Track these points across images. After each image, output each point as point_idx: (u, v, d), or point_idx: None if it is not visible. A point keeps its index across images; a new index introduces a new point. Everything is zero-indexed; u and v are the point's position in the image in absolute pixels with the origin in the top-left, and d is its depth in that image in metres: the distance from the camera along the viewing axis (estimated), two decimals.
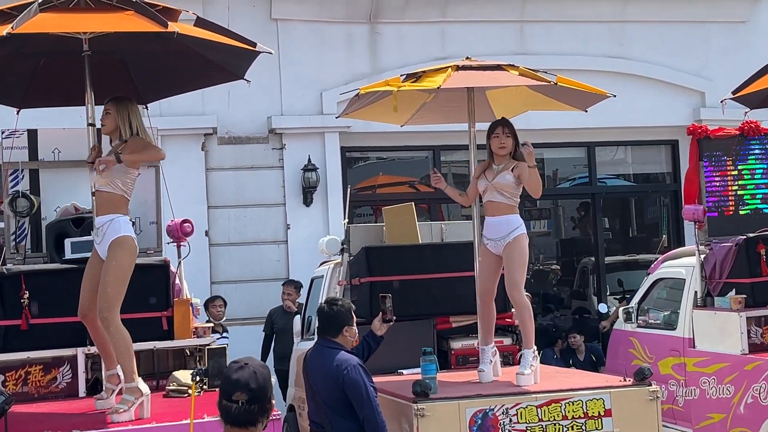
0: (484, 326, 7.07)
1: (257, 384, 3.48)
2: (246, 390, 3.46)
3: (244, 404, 3.45)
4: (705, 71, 13.92)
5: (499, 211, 6.91)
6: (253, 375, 3.49)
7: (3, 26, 5.47)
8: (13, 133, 7.32)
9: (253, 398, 3.46)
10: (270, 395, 3.55)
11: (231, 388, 3.48)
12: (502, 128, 7.03)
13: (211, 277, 12.25)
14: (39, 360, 6.67)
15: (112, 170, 5.92)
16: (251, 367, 3.52)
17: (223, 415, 3.50)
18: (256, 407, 3.47)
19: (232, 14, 12.32)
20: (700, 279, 8.75)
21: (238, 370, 3.50)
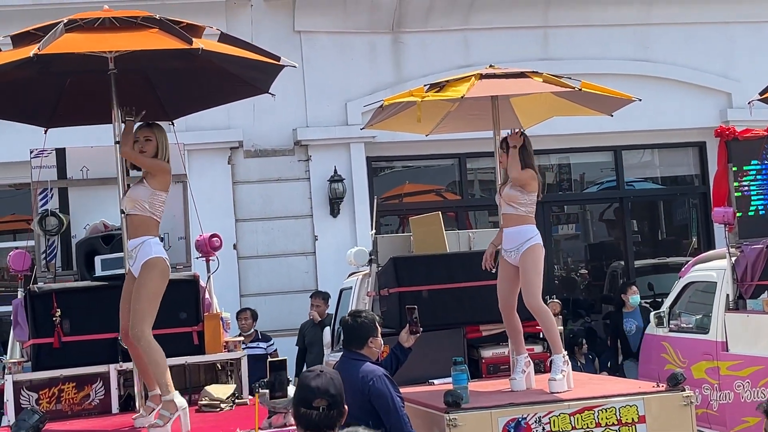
0: (513, 338, 7.09)
1: (335, 390, 3.64)
2: (326, 396, 3.60)
3: (324, 410, 3.59)
4: (731, 72, 13.84)
5: (512, 222, 6.92)
6: (330, 381, 3.65)
7: (30, 47, 5.53)
8: (42, 153, 7.36)
9: (332, 404, 3.60)
10: (343, 400, 3.68)
11: (311, 395, 3.60)
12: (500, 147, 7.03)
13: (241, 290, 12.30)
14: (72, 377, 6.69)
15: (140, 194, 5.99)
16: (327, 374, 3.68)
17: (301, 422, 3.61)
18: (335, 412, 3.61)
19: (256, 27, 12.40)
20: (732, 282, 8.69)
21: (315, 378, 3.64)
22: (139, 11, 5.98)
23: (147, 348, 5.91)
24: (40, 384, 6.67)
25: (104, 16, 5.87)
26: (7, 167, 11.35)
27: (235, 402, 6.69)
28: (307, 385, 3.64)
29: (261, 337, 11.13)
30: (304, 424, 3.60)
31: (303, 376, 3.69)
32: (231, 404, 6.65)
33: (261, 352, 11.02)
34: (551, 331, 6.94)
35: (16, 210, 12.90)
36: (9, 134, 10.28)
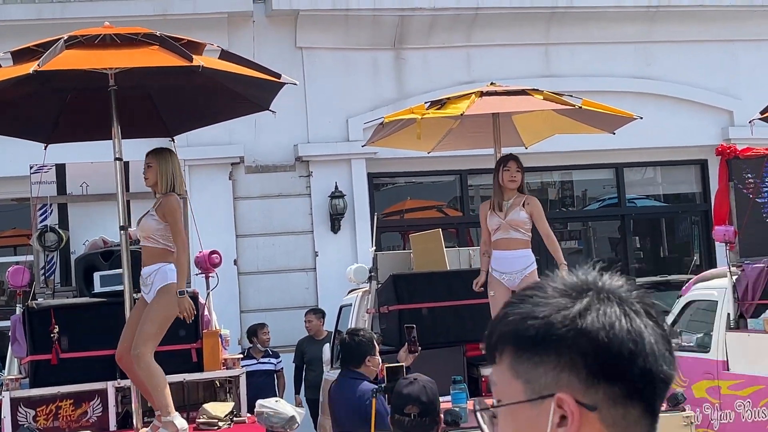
0: None
1: (427, 398, 3.72)
2: (417, 403, 3.70)
3: (416, 417, 3.69)
4: (733, 90, 13.82)
5: (516, 246, 6.96)
6: (423, 389, 3.74)
7: (30, 63, 5.53)
8: (42, 168, 7.37)
9: (424, 411, 3.70)
10: (438, 409, 3.77)
11: (403, 402, 3.74)
12: (514, 162, 7.01)
13: (241, 306, 12.26)
14: (69, 394, 6.69)
15: (151, 226, 6.11)
16: (420, 382, 3.78)
17: (395, 427, 3.75)
18: (427, 419, 3.70)
19: (258, 43, 12.39)
20: (733, 301, 8.65)
21: (408, 385, 3.76)
22: (140, 28, 5.99)
23: (146, 370, 5.93)
24: (38, 400, 6.66)
25: (105, 33, 5.89)
26: (8, 182, 11.32)
27: (233, 420, 6.66)
28: (400, 392, 3.78)
29: (271, 354, 11.13)
30: (398, 430, 3.73)
31: (398, 384, 3.83)
32: (229, 422, 6.62)
33: (270, 368, 11.02)
34: None
35: (18, 225, 12.87)
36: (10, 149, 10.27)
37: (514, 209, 6.96)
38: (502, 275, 6.93)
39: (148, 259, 6.11)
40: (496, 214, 6.97)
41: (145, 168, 6.19)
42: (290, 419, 5.34)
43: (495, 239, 6.99)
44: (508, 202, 6.99)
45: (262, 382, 10.53)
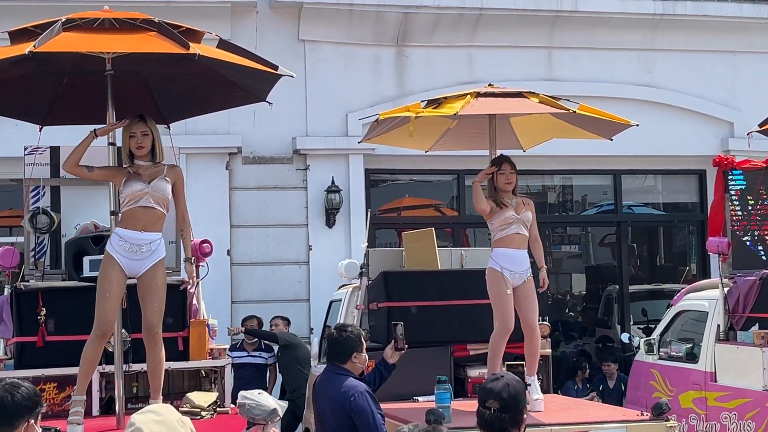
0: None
1: (509, 394, 3.81)
2: (498, 399, 3.79)
3: (496, 411, 3.78)
4: (734, 101, 13.81)
5: (524, 245, 7.02)
6: (506, 386, 3.83)
7: (27, 44, 5.50)
8: (36, 150, 7.35)
9: (503, 407, 3.78)
10: (522, 407, 3.84)
11: (485, 395, 3.86)
12: (508, 165, 7.01)
13: (232, 296, 12.25)
14: (54, 377, 6.66)
15: (166, 194, 6.04)
16: (505, 379, 3.87)
17: (478, 420, 3.85)
18: (507, 416, 3.77)
19: (260, 34, 12.37)
20: (723, 312, 8.65)
21: (493, 381, 3.89)
22: (138, 14, 5.97)
23: (161, 351, 6.03)
24: None
25: (103, 17, 5.86)
26: (5, 162, 11.30)
27: (216, 410, 6.65)
28: (484, 386, 3.92)
29: (263, 347, 11.10)
30: (480, 424, 3.85)
31: (486, 378, 4.01)
32: (212, 412, 6.60)
33: (261, 361, 10.99)
34: (537, 354, 7.05)
35: (14, 205, 12.86)
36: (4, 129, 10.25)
37: (522, 208, 7.02)
38: (513, 274, 6.92)
39: (154, 224, 6.00)
40: (508, 209, 6.94)
41: (140, 137, 6.08)
42: (272, 412, 5.30)
43: (506, 234, 6.95)
44: (513, 201, 7.01)
45: (250, 375, 10.50)
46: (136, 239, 5.95)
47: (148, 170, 6.09)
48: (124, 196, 6.03)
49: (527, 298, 6.95)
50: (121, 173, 6.09)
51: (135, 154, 6.13)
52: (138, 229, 5.97)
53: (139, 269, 5.98)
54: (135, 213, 5.99)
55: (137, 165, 6.11)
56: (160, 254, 6.03)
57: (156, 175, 6.08)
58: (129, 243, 5.94)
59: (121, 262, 5.94)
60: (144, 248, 5.96)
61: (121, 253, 5.94)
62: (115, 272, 5.94)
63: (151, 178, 6.06)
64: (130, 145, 6.11)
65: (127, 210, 6.02)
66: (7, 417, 3.62)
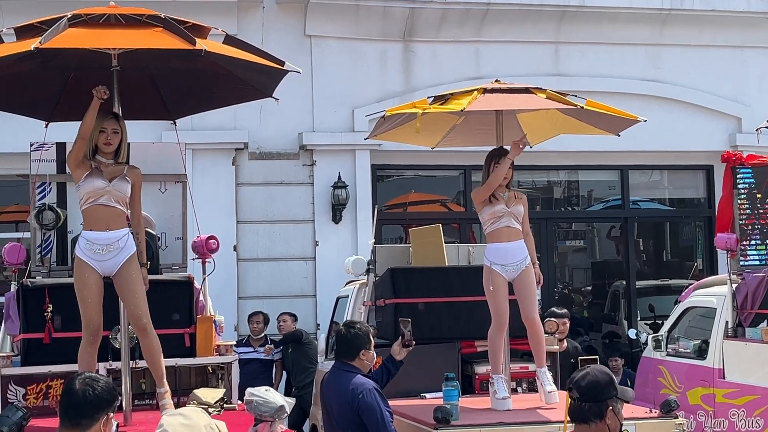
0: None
1: (586, 383, 3.87)
2: (577, 387, 3.88)
3: (576, 401, 3.88)
4: (742, 96, 13.76)
5: (516, 237, 6.97)
6: (586, 375, 3.91)
7: (32, 40, 5.48)
8: (42, 146, 7.34)
9: (581, 396, 3.86)
10: (606, 398, 3.89)
11: (568, 385, 3.96)
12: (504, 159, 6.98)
13: (239, 292, 12.24)
14: (60, 374, 6.63)
15: (126, 190, 5.97)
16: (587, 369, 3.96)
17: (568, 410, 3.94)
18: (587, 406, 3.84)
19: (266, 30, 12.36)
20: (732, 309, 8.61)
21: (579, 371, 3.97)
22: (144, 9, 5.93)
23: (154, 337, 6.01)
24: (29, 379, 6.63)
25: (109, 13, 5.84)
26: (9, 158, 11.32)
27: (223, 407, 6.63)
28: (572, 377, 3.97)
29: (270, 343, 11.10)
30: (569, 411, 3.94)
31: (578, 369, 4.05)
32: (219, 409, 6.59)
33: (268, 357, 10.99)
34: (542, 345, 7.04)
35: (20, 201, 12.85)
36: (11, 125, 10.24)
37: (513, 201, 6.99)
38: (505, 267, 6.89)
39: (117, 221, 5.94)
40: (499, 202, 6.93)
41: (110, 134, 6.00)
42: (279, 408, 5.29)
43: (497, 228, 6.92)
44: (505, 195, 6.99)
45: (256, 370, 10.51)
46: (103, 240, 5.90)
47: (108, 168, 6.01)
48: (83, 193, 5.95)
49: (524, 289, 6.92)
50: (85, 166, 5.99)
51: (101, 149, 6.04)
52: (102, 228, 5.92)
53: (113, 268, 5.95)
54: (96, 211, 5.93)
55: (99, 161, 6.02)
56: (130, 249, 5.96)
57: (116, 174, 6.00)
58: (96, 245, 5.90)
59: (93, 265, 5.91)
60: (112, 247, 5.91)
61: (91, 256, 5.91)
62: (91, 276, 5.91)
63: (112, 176, 5.98)
64: (98, 140, 6.01)
65: (88, 208, 5.96)
66: (90, 410, 3.74)
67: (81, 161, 5.99)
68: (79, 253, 5.94)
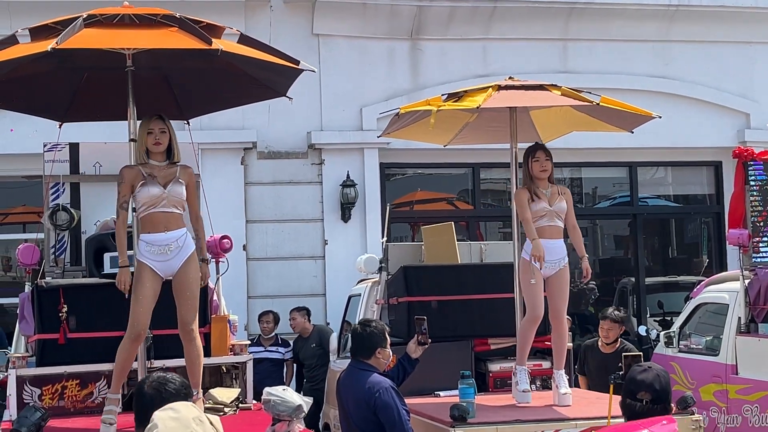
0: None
1: (660, 386, 3.82)
2: (650, 390, 3.80)
3: (647, 403, 3.79)
4: (750, 92, 13.74)
5: (558, 235, 6.99)
6: (657, 377, 3.84)
7: (48, 41, 5.48)
8: (55, 147, 7.33)
9: (656, 398, 3.80)
10: (670, 398, 3.86)
11: (636, 387, 3.84)
12: (542, 152, 6.97)
13: (248, 291, 12.25)
14: (76, 374, 6.64)
15: (182, 194, 6.02)
16: (654, 370, 3.88)
17: (626, 412, 3.85)
18: (659, 407, 3.79)
19: (274, 29, 12.36)
20: (744, 304, 8.61)
21: (643, 372, 3.87)
22: (159, 9, 5.92)
23: (199, 345, 6.05)
24: (44, 380, 6.62)
25: (124, 13, 5.82)
26: (20, 158, 11.32)
27: (239, 406, 6.64)
28: (634, 378, 3.87)
29: (281, 342, 11.11)
30: (628, 414, 3.84)
31: (632, 370, 3.95)
32: (235, 408, 6.59)
33: (279, 356, 11.01)
34: (565, 346, 7.07)
35: (27, 201, 12.87)
36: (23, 126, 10.26)
37: (556, 198, 6.95)
38: (544, 264, 6.86)
39: (175, 223, 5.99)
40: (542, 200, 6.90)
41: (158, 134, 6.02)
42: (297, 408, 5.29)
43: (539, 226, 6.88)
44: (547, 191, 6.96)
45: (267, 370, 10.51)
46: (162, 240, 5.95)
47: (162, 171, 6.03)
48: (141, 201, 5.99)
49: (559, 288, 6.93)
50: (136, 176, 6.00)
51: (151, 150, 6.06)
52: (161, 231, 5.96)
53: (173, 268, 5.99)
54: (154, 217, 5.98)
55: (152, 165, 6.03)
56: (189, 248, 6.03)
57: (170, 178, 6.02)
58: (156, 246, 5.95)
59: (153, 266, 5.95)
60: (172, 246, 5.95)
61: (150, 257, 5.95)
62: (148, 277, 5.94)
63: (166, 180, 6.00)
64: (147, 142, 6.05)
65: (146, 215, 5.99)
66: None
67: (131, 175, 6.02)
68: (138, 256, 5.98)
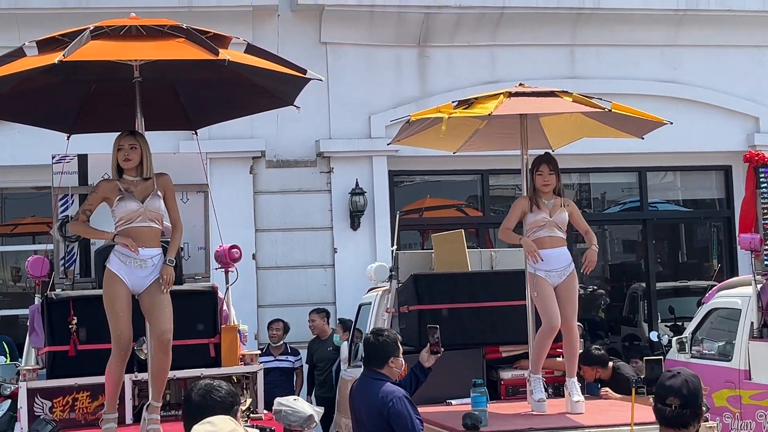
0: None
1: (689, 391, 3.88)
2: (678, 395, 3.87)
3: (676, 408, 3.87)
4: (759, 96, 13.69)
5: (560, 244, 6.98)
6: (685, 383, 3.89)
7: (55, 53, 5.47)
8: (64, 158, 7.33)
9: (684, 403, 3.87)
10: (701, 401, 3.91)
11: (665, 393, 3.92)
12: (546, 166, 6.95)
13: (258, 300, 12.23)
14: (86, 386, 6.63)
15: (160, 207, 5.98)
16: (683, 375, 3.94)
17: (657, 417, 3.95)
18: (688, 411, 3.87)
19: (282, 37, 12.36)
20: (757, 309, 8.56)
21: (671, 378, 3.94)
22: (166, 20, 5.92)
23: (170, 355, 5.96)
24: (55, 392, 6.61)
25: (131, 24, 5.82)
26: (29, 170, 11.34)
27: (249, 416, 6.62)
28: (662, 383, 3.94)
29: (290, 351, 11.10)
30: (660, 420, 3.93)
31: (662, 375, 4.02)
32: (246, 419, 6.57)
33: (288, 365, 11.00)
34: (576, 354, 7.03)
35: (37, 212, 12.89)
36: (31, 137, 10.26)
37: (557, 209, 6.96)
38: (549, 273, 6.86)
39: (153, 240, 5.96)
40: (542, 211, 6.90)
41: (127, 150, 6.01)
42: (308, 418, 5.30)
43: (538, 237, 6.92)
44: (550, 203, 6.95)
45: (276, 379, 10.49)
46: (140, 256, 5.92)
47: (138, 186, 6.02)
48: (118, 216, 5.97)
49: (566, 296, 6.91)
50: (113, 190, 6.01)
51: (122, 167, 6.06)
52: (144, 245, 5.94)
53: (143, 285, 5.94)
54: (132, 232, 5.95)
55: (128, 181, 6.04)
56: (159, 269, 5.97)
57: (148, 192, 6.01)
58: (131, 259, 5.91)
59: (124, 279, 5.91)
60: (148, 263, 5.92)
61: (123, 270, 5.91)
62: (122, 290, 5.90)
63: (144, 195, 5.99)
64: (118, 158, 6.06)
65: (123, 230, 5.96)
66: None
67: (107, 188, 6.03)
68: (111, 266, 5.93)
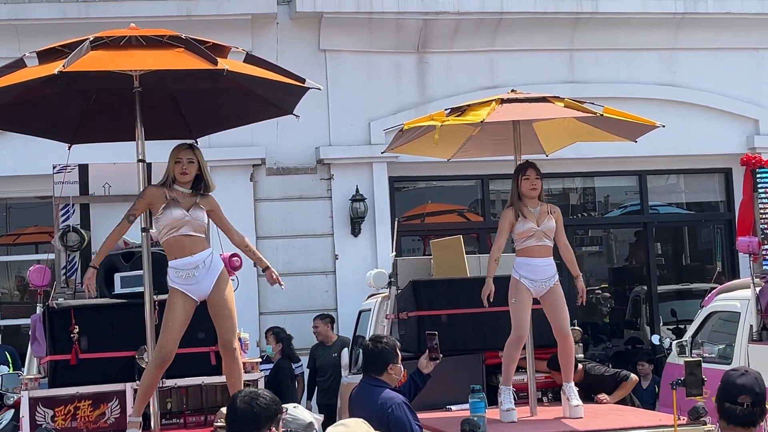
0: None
1: (759, 389, 3.87)
2: (750, 393, 3.84)
3: (748, 406, 3.84)
4: (758, 99, 13.72)
5: (547, 254, 6.97)
6: (755, 380, 3.89)
7: (55, 63, 5.53)
8: (65, 168, 7.38)
9: (756, 401, 3.85)
10: (765, 401, 3.90)
11: (736, 391, 3.88)
12: (533, 170, 6.97)
13: (260, 307, 12.26)
14: (88, 395, 6.66)
15: (204, 222, 6.17)
16: (752, 373, 3.95)
17: (725, 416, 3.90)
18: (758, 409, 3.87)
19: (281, 45, 12.40)
20: (756, 312, 8.57)
21: (741, 376, 3.91)
22: (165, 30, 5.98)
23: (239, 362, 6.15)
24: (57, 401, 6.64)
25: (130, 35, 5.88)
26: (30, 180, 11.38)
27: None
28: (732, 382, 3.90)
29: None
30: (728, 419, 3.88)
31: (728, 374, 3.99)
32: None
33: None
34: (572, 360, 7.01)
35: (39, 222, 12.93)
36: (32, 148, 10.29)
37: (545, 217, 6.93)
38: (533, 282, 6.88)
39: (200, 246, 6.11)
40: (528, 220, 6.91)
41: (186, 163, 6.14)
42: (308, 425, 5.32)
43: (526, 246, 6.93)
44: (536, 210, 6.95)
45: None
46: (189, 264, 6.06)
47: (185, 198, 6.16)
48: (163, 224, 6.09)
49: (555, 305, 6.93)
50: (160, 197, 6.13)
51: (178, 179, 6.18)
52: (187, 254, 6.08)
53: (205, 290, 6.09)
54: (178, 242, 6.09)
55: (176, 191, 6.15)
56: (218, 268, 6.15)
57: (192, 204, 6.16)
58: (184, 270, 6.05)
59: (185, 290, 6.05)
60: (200, 267, 6.05)
61: (180, 282, 6.06)
62: (179, 302, 6.05)
63: (189, 205, 6.14)
64: (174, 170, 6.17)
65: (168, 240, 6.10)
66: (250, 427, 3.83)
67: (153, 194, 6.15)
68: (169, 282, 6.10)
